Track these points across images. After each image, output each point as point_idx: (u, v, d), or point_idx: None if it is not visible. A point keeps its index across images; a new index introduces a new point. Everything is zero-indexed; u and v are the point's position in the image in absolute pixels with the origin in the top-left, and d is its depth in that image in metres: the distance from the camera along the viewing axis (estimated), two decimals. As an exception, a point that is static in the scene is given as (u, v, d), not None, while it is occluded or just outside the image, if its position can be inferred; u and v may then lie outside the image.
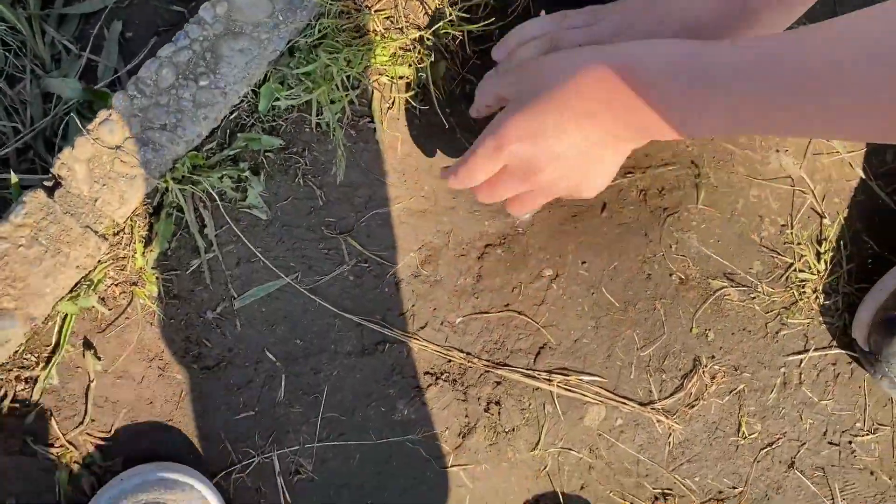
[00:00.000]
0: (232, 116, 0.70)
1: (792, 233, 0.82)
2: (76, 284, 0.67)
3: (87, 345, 0.69)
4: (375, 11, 0.72)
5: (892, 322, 0.75)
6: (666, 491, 0.81)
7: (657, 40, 0.51)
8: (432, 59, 0.74)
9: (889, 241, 0.83)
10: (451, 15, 0.71)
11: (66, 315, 0.67)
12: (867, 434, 0.83)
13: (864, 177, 0.83)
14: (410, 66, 0.74)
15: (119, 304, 0.70)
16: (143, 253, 0.69)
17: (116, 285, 0.70)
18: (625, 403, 0.79)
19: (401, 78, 0.74)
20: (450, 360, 0.76)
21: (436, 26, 0.72)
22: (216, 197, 0.71)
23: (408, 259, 0.76)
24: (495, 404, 0.77)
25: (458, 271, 0.77)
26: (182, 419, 0.72)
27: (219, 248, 0.71)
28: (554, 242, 0.79)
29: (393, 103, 0.75)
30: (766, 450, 0.82)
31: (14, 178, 0.65)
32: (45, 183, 0.65)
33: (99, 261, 0.68)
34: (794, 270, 0.82)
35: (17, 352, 0.67)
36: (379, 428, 0.75)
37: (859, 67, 0.40)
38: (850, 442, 0.83)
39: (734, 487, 0.81)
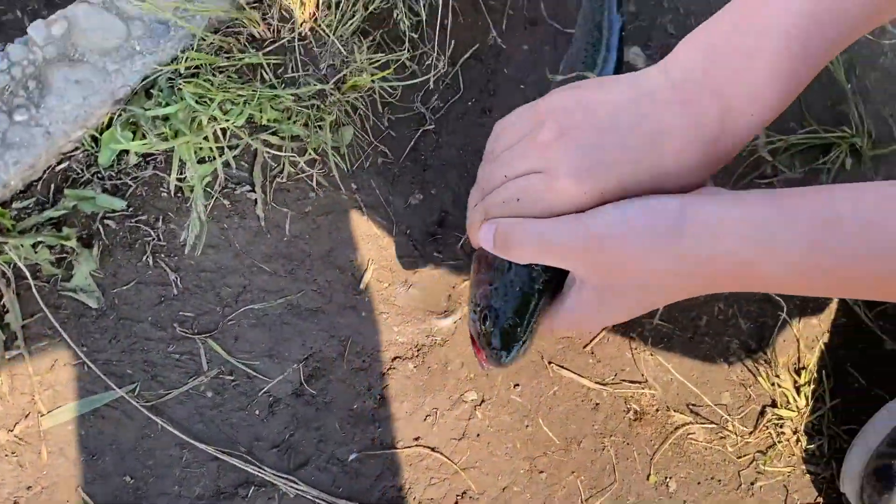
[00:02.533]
0: (60, 167, 0.54)
1: (765, 359, 0.67)
2: None
3: None
4: (265, 54, 0.57)
5: (888, 472, 0.63)
6: None
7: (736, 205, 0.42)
8: (334, 117, 0.58)
9: (877, 374, 0.69)
10: (360, 62, 0.57)
11: None
12: None
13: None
14: (307, 125, 0.58)
15: None
16: None
17: None
18: (566, 575, 0.61)
19: (295, 139, 0.59)
20: (337, 512, 0.60)
21: (338, 76, 0.57)
22: (27, 273, 0.52)
23: (289, 373, 0.60)
24: (395, 574, 0.58)
25: (356, 391, 0.61)
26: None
27: (26, 343, 0.54)
28: (479, 358, 0.62)
29: (282, 170, 0.59)
30: None
31: None
32: None
33: None
34: (770, 405, 0.67)
35: None
36: None
37: None
38: None
39: None
